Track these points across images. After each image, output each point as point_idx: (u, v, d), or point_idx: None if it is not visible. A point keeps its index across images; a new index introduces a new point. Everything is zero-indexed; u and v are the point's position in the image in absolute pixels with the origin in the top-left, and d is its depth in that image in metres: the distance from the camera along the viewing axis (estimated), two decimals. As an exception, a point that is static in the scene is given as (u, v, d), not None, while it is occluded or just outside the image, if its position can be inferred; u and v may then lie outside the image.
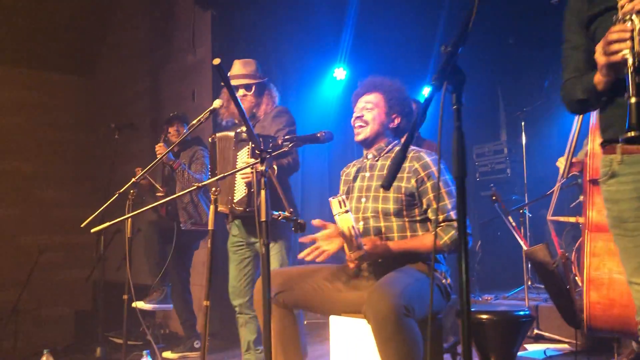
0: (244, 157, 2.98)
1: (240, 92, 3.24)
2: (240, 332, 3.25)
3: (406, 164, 2.41)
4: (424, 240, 2.33)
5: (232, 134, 3.09)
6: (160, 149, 4.07)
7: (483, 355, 2.37)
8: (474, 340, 2.41)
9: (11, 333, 5.15)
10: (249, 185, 2.90)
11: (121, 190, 3.15)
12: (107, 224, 2.43)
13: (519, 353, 3.59)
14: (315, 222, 2.40)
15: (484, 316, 2.35)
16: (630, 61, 1.52)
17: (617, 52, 1.55)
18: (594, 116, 2.67)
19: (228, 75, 3.33)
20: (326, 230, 2.39)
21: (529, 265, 4.28)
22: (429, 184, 2.35)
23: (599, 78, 1.68)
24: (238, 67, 3.34)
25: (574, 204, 5.45)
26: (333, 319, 2.48)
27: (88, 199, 6.42)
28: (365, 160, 2.61)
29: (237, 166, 2.97)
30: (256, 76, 3.29)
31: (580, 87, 1.80)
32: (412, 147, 2.49)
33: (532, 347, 3.90)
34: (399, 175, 2.39)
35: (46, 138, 6.15)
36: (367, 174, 2.55)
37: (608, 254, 2.53)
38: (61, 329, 5.55)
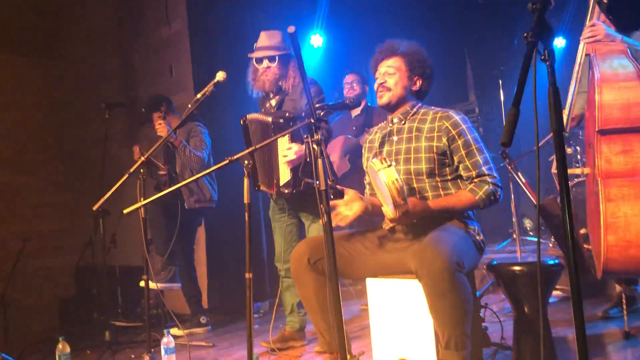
0: (285, 143, 3.06)
1: (264, 64, 3.28)
2: (283, 296, 3.41)
3: (435, 124, 2.46)
4: (460, 196, 2.40)
5: (269, 119, 3.11)
6: (161, 126, 4.00)
7: (516, 306, 2.47)
8: (507, 292, 2.52)
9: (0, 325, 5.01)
10: (294, 169, 3.02)
11: (132, 170, 3.09)
12: (140, 203, 2.39)
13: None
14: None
15: (516, 268, 2.44)
16: None
17: None
18: (597, 70, 2.77)
19: (255, 46, 3.35)
20: (345, 196, 2.42)
21: (521, 219, 4.43)
22: (460, 142, 2.42)
23: None
24: (263, 39, 3.36)
25: (551, 157, 5.67)
26: (370, 281, 2.53)
27: (64, 182, 6.24)
28: (391, 125, 2.64)
29: (278, 152, 3.07)
30: (280, 48, 3.30)
31: None
32: (438, 108, 2.54)
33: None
34: (429, 135, 2.45)
35: (15, 121, 5.91)
36: (395, 138, 2.59)
37: (622, 199, 2.66)
38: (49, 318, 5.43)
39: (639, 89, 2.65)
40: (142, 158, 3.08)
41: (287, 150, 3.03)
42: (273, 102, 3.37)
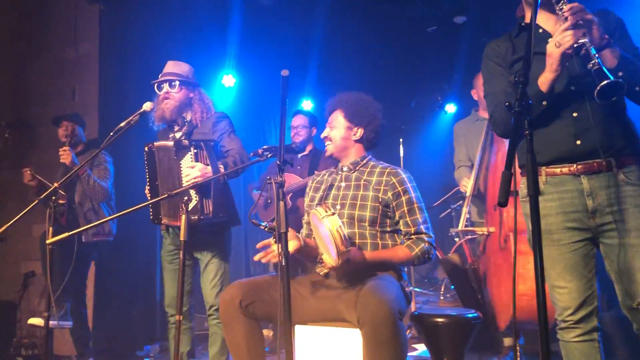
0: (187, 163, 2.86)
1: (164, 89, 3.12)
2: (172, 344, 3.10)
3: (383, 178, 2.57)
4: (397, 251, 2.49)
5: (170, 143, 2.94)
6: (65, 153, 3.75)
7: (436, 356, 2.58)
8: (427, 342, 2.62)
9: None
10: (201, 192, 2.80)
11: (42, 197, 2.87)
12: (68, 233, 2.21)
13: (409, 353, 3.92)
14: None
15: (440, 319, 2.56)
16: (585, 39, 1.80)
17: (570, 40, 1.81)
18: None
19: (163, 72, 3.23)
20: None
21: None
22: (404, 198, 2.53)
23: (546, 77, 1.92)
24: (168, 67, 3.23)
25: (444, 214, 6.05)
26: (299, 328, 2.51)
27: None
28: (340, 172, 2.72)
29: (182, 175, 2.86)
30: (184, 76, 3.17)
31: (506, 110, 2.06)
32: (389, 165, 2.65)
33: (420, 347, 4.24)
34: (376, 187, 2.54)
35: None
36: (343, 184, 2.66)
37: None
38: None
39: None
40: (56, 184, 2.87)
41: (189, 169, 2.83)
42: (178, 135, 3.15)
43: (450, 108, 7.19)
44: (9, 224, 2.87)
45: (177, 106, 3.12)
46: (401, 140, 5.85)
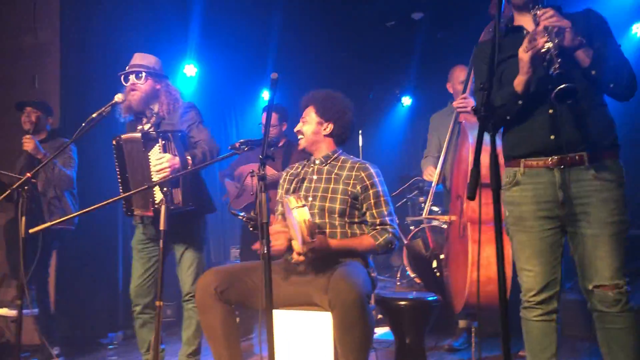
0: (156, 155, 2.91)
1: (130, 80, 3.14)
2: (138, 333, 3.21)
3: (353, 172, 2.73)
4: (362, 240, 2.65)
5: (138, 135, 2.97)
6: (28, 141, 3.74)
7: (399, 337, 2.77)
8: (390, 323, 2.81)
9: None
10: (171, 182, 2.82)
11: (15, 186, 2.90)
12: (49, 224, 2.27)
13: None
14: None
15: (402, 302, 2.75)
16: (550, 45, 1.99)
17: (538, 45, 2.01)
18: (470, 136, 3.27)
19: (130, 64, 3.26)
20: (273, 226, 2.56)
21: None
22: (371, 192, 2.70)
23: (519, 79, 2.12)
24: (135, 59, 3.24)
25: (400, 203, 6.25)
26: (276, 313, 2.64)
27: None
28: (312, 165, 2.85)
29: (150, 167, 2.92)
30: (150, 68, 3.19)
31: (499, 97, 2.25)
32: (358, 159, 2.80)
33: (380, 330, 4.45)
34: (346, 181, 2.70)
35: None
36: (315, 177, 2.80)
37: (485, 242, 3.15)
38: None
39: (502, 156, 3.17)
40: (28, 174, 2.90)
41: (157, 160, 2.88)
42: (147, 127, 3.18)
43: (406, 100, 7.41)
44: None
45: (143, 97, 3.13)
46: (360, 131, 6.03)
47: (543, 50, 2.00)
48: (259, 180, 1.99)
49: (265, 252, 1.96)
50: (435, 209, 4.79)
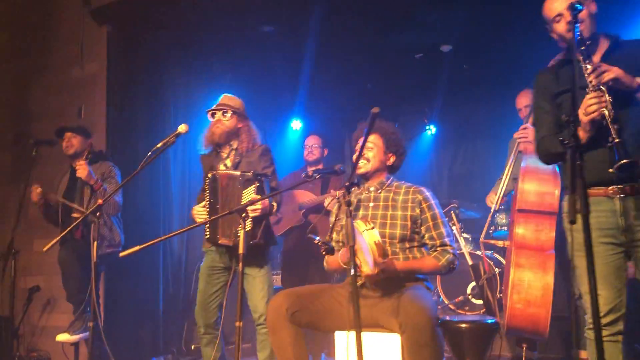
0: (250, 194, 3.17)
1: (217, 116, 3.44)
2: (204, 351, 3.40)
3: (409, 196, 2.84)
4: (425, 261, 2.76)
5: (238, 173, 3.26)
6: (82, 168, 3.87)
7: (459, 357, 2.86)
8: (452, 346, 2.90)
9: None
10: (255, 219, 3.14)
11: (88, 212, 3.05)
12: (138, 247, 2.39)
13: None
14: None
15: (463, 325, 2.84)
16: (607, 114, 2.14)
17: (595, 110, 2.15)
18: (524, 163, 3.42)
19: (218, 103, 3.53)
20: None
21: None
22: (429, 214, 2.81)
23: (580, 134, 2.22)
24: (223, 98, 3.56)
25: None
26: (338, 334, 2.75)
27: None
28: (367, 192, 2.97)
29: (242, 202, 3.15)
30: (236, 107, 3.48)
31: (558, 144, 2.38)
32: (411, 184, 2.93)
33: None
34: (404, 205, 2.81)
35: None
36: (372, 204, 2.91)
37: (529, 267, 3.27)
38: None
39: (550, 184, 3.31)
40: (100, 201, 3.05)
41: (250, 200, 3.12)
42: (228, 163, 3.47)
43: (432, 129, 7.54)
44: (56, 239, 3.00)
45: (226, 132, 3.42)
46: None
47: (598, 117, 2.13)
48: (346, 206, 2.11)
49: (353, 273, 2.07)
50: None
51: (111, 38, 5.09)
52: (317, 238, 2.44)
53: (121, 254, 2.42)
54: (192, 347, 5.36)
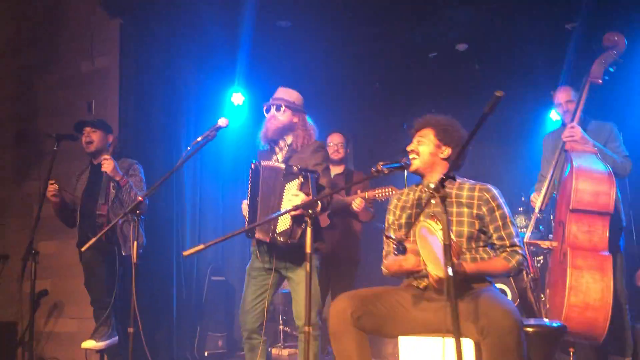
0: (292, 189, 3.01)
1: (271, 111, 3.31)
2: (247, 356, 3.21)
3: (475, 193, 2.67)
4: (495, 263, 2.60)
5: (281, 165, 3.11)
6: (108, 162, 3.65)
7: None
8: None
9: None
10: (295, 218, 2.97)
11: (128, 210, 2.86)
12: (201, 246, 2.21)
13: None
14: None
15: (529, 329, 2.71)
16: None
17: None
18: (575, 163, 3.32)
19: (273, 97, 3.38)
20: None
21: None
22: (498, 213, 2.64)
23: None
24: (279, 92, 3.41)
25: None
26: (402, 339, 2.59)
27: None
28: (426, 190, 2.79)
29: (284, 197, 3.01)
30: (291, 102, 3.33)
31: None
32: (476, 181, 2.78)
33: None
34: (469, 202, 2.66)
35: None
36: (434, 202, 2.72)
37: (586, 268, 3.18)
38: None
39: (606, 184, 3.22)
40: (140, 198, 2.85)
41: (294, 196, 2.97)
42: (280, 157, 3.33)
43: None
44: (95, 238, 2.80)
45: (280, 127, 3.28)
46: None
47: None
48: (441, 202, 1.97)
49: (450, 274, 1.92)
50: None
51: (123, 31, 4.89)
52: (393, 237, 2.28)
53: (185, 253, 2.21)
54: (206, 353, 5.18)
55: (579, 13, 5.16)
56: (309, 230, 2.35)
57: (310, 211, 2.35)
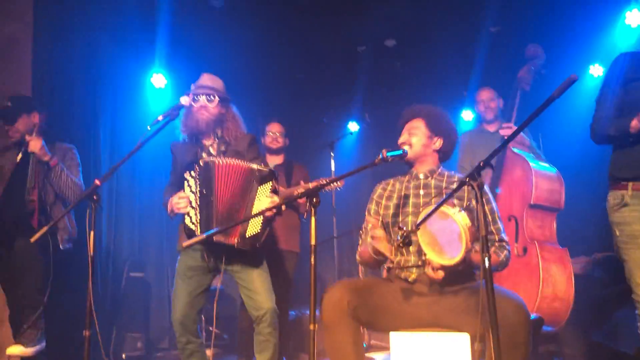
0: (266, 191, 2.85)
1: (202, 100, 3.04)
2: None
3: (466, 187, 2.62)
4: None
5: (253, 166, 2.90)
6: (35, 141, 3.20)
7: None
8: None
9: None
10: (267, 221, 2.85)
11: (84, 195, 2.49)
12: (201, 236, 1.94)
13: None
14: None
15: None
16: None
17: None
18: (527, 160, 3.48)
19: (194, 85, 3.13)
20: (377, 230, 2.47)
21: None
22: (487, 208, 2.59)
23: (636, 124, 2.31)
24: (205, 80, 3.15)
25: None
26: (393, 335, 2.48)
27: None
28: (415, 180, 2.73)
29: (255, 201, 2.84)
30: (221, 92, 3.11)
31: (613, 127, 2.44)
32: (463, 174, 2.73)
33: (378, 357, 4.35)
34: (461, 194, 2.61)
35: None
36: (422, 192, 2.67)
37: (552, 261, 3.35)
38: None
39: (557, 183, 3.50)
40: (96, 181, 2.49)
41: (266, 197, 2.86)
42: (212, 150, 3.10)
43: (353, 126, 7.44)
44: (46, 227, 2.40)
45: (212, 120, 3.07)
46: (332, 154, 5.95)
47: None
48: (479, 190, 1.87)
49: (487, 266, 1.83)
50: None
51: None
52: (405, 228, 2.16)
53: (184, 244, 1.95)
54: (124, 355, 4.76)
55: (505, 18, 5.39)
56: (313, 219, 2.18)
57: (315, 199, 2.18)
